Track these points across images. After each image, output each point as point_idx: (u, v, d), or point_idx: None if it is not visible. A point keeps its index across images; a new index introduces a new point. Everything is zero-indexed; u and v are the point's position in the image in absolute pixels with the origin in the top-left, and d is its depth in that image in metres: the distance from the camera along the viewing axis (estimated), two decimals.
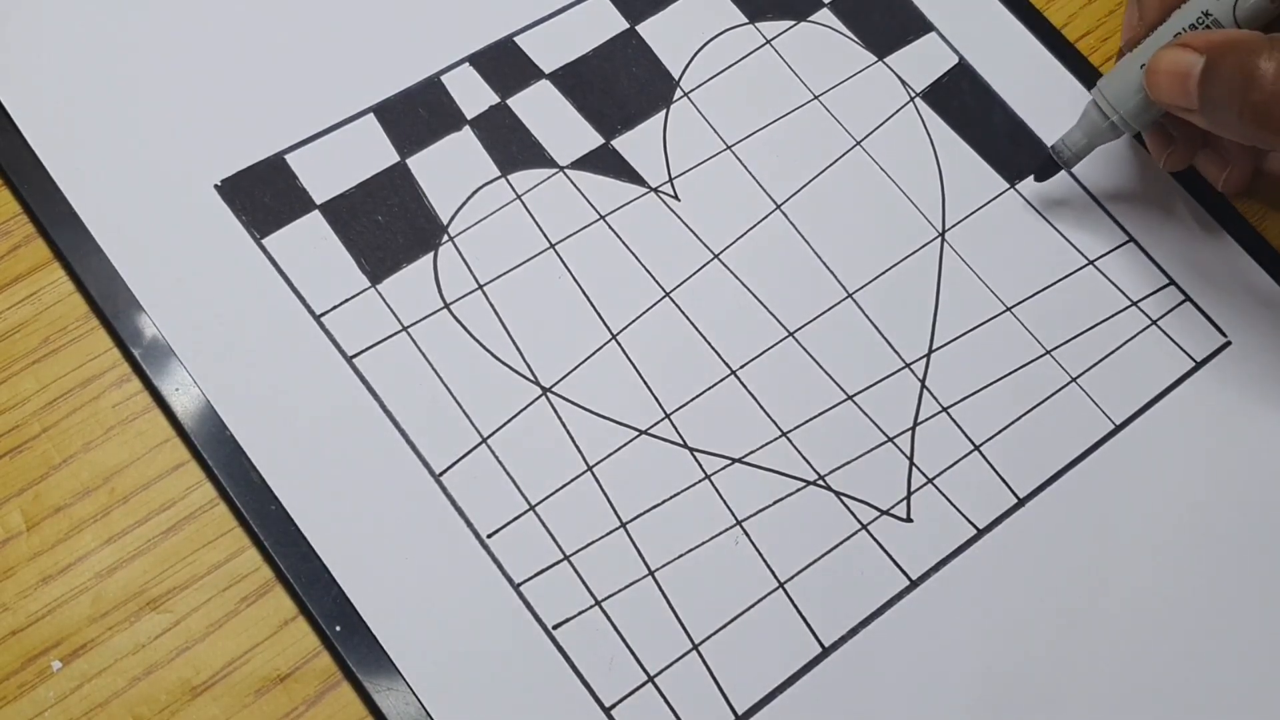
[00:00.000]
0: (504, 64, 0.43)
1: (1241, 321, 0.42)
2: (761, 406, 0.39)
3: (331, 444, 0.36)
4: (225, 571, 0.35)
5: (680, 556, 0.37)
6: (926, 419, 0.39)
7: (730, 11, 0.45)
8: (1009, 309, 0.41)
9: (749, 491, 0.38)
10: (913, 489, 0.38)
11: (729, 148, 0.43)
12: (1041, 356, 0.41)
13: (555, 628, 0.35)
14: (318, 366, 0.37)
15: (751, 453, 0.38)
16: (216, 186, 0.39)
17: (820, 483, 0.38)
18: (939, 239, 0.42)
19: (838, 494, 0.38)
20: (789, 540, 0.37)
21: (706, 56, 0.44)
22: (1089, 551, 0.38)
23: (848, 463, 0.38)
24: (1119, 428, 0.40)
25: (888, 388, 0.40)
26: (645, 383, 0.39)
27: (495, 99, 0.42)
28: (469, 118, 0.42)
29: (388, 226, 0.40)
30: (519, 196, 0.41)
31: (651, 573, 0.36)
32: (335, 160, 0.40)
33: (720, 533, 0.37)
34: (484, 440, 0.37)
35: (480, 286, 0.39)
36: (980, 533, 0.38)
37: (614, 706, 0.35)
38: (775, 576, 0.37)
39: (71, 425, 0.36)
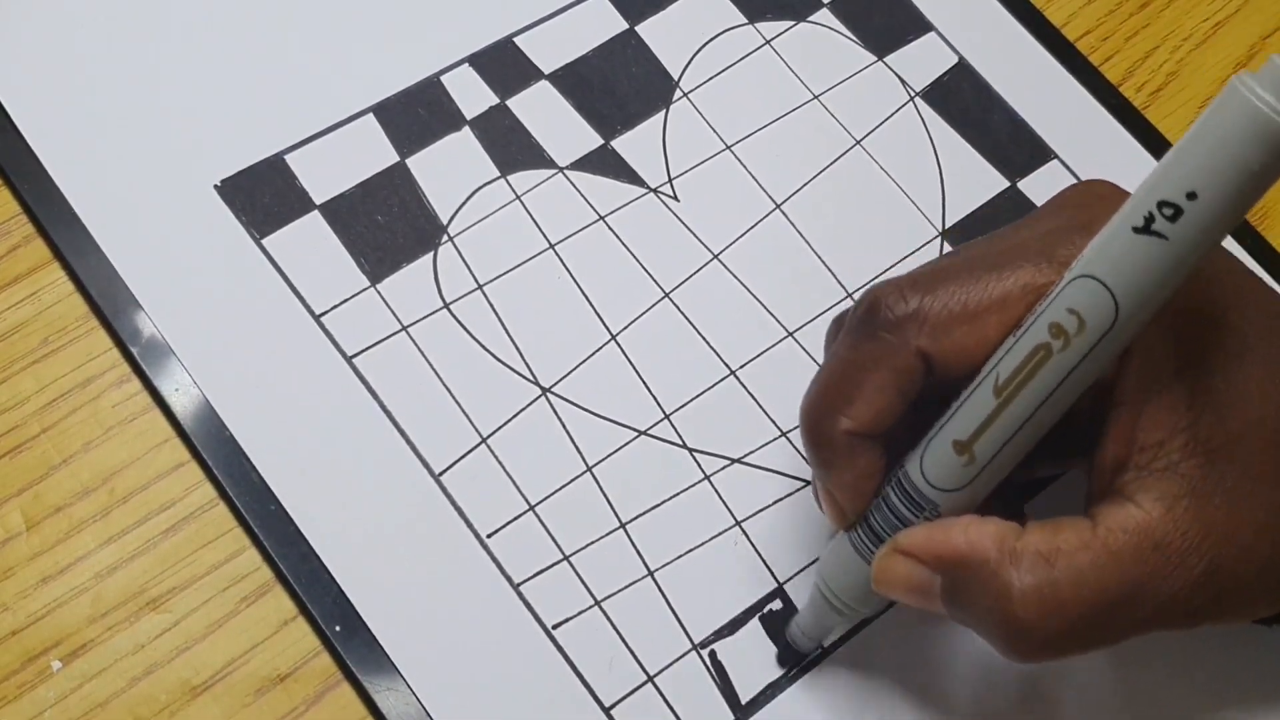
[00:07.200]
0: (503, 64, 0.43)
1: None
2: (761, 406, 0.39)
3: (331, 444, 0.36)
4: (225, 571, 0.35)
5: (680, 556, 0.37)
6: None
7: (730, 12, 0.45)
8: None
9: (749, 491, 0.38)
10: None
11: (728, 148, 0.43)
12: None
13: (555, 628, 0.35)
14: (318, 366, 0.37)
15: (751, 453, 0.38)
16: (216, 186, 0.39)
17: None
18: (939, 238, 0.42)
19: None
20: (789, 540, 0.37)
21: (706, 57, 0.44)
22: None
23: None
24: None
25: None
26: (645, 383, 0.39)
27: (495, 99, 0.42)
28: (469, 118, 0.42)
29: (387, 226, 0.40)
30: (518, 197, 0.41)
31: (651, 573, 0.36)
32: (335, 160, 0.40)
33: (720, 533, 0.37)
34: (484, 440, 0.37)
35: (480, 286, 0.39)
36: None
37: (614, 706, 0.35)
38: (775, 577, 0.37)
39: (71, 425, 0.36)
